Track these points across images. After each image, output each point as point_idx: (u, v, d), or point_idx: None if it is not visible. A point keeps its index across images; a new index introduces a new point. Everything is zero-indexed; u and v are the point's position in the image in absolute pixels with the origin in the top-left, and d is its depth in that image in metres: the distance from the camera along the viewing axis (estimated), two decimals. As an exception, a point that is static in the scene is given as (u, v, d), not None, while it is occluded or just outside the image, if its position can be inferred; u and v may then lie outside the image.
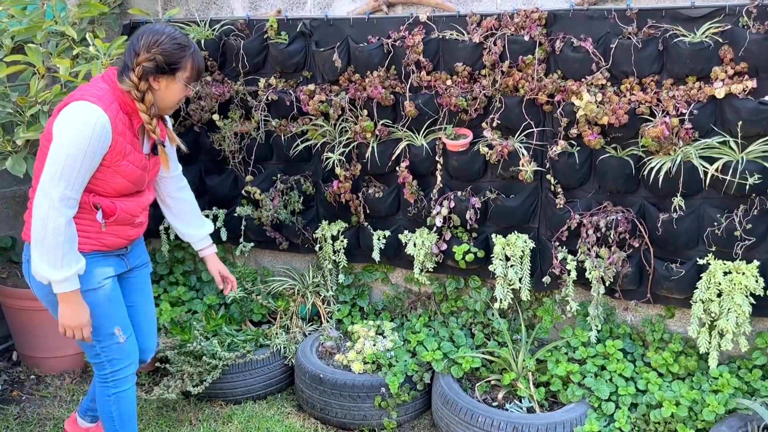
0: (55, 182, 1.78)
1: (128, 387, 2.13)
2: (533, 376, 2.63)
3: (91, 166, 1.84)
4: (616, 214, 2.55)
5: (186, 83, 1.96)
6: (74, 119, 1.79)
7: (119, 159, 1.90)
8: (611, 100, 2.43)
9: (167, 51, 1.89)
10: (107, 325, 2.03)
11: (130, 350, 2.11)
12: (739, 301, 2.36)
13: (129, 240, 2.11)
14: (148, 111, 1.92)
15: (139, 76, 1.89)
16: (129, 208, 2.03)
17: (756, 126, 2.29)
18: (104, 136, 1.83)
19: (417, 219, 2.93)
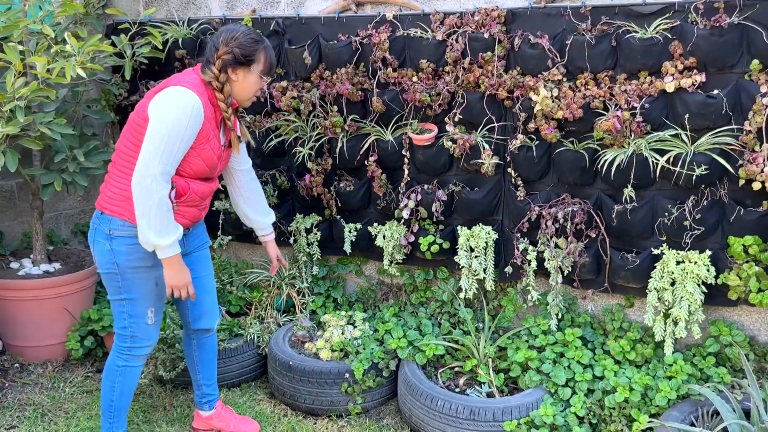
0: (157, 159, 1.97)
1: (138, 365, 2.31)
2: (494, 363, 2.71)
3: (187, 146, 2.04)
4: (573, 205, 2.63)
5: (260, 75, 2.16)
6: (174, 102, 1.99)
7: (203, 143, 2.10)
8: (566, 95, 2.51)
9: (243, 44, 2.09)
10: (144, 303, 2.21)
11: (153, 333, 2.29)
12: (690, 290, 2.43)
13: (192, 221, 2.29)
14: (225, 100, 2.13)
15: (219, 69, 2.09)
16: (200, 190, 2.20)
17: (704, 119, 2.36)
18: (199, 118, 2.03)
19: (386, 212, 3.02)
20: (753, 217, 2.37)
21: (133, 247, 2.13)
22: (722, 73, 2.36)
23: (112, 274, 2.17)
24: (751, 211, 2.39)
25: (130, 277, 2.16)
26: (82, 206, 3.85)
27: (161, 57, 3.08)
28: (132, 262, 2.15)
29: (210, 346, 2.57)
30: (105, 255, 2.16)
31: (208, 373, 2.60)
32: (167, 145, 1.99)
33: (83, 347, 3.20)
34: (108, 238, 2.15)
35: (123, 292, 2.19)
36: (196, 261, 2.41)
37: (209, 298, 2.49)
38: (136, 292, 2.18)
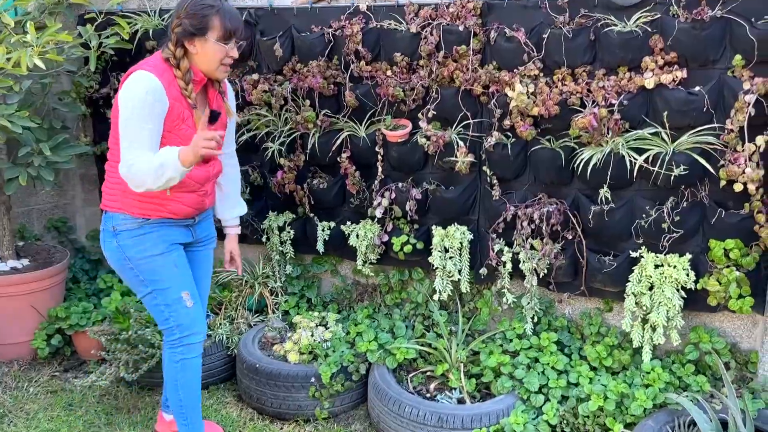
0: (129, 149, 1.92)
1: (195, 355, 2.22)
2: (466, 368, 2.62)
3: (156, 128, 1.95)
4: (550, 206, 2.53)
5: (219, 42, 2.01)
6: (132, 86, 1.93)
7: (179, 123, 2.00)
8: (542, 91, 2.41)
9: (192, 13, 1.97)
10: (175, 289, 2.14)
11: (197, 316, 2.21)
12: (669, 295, 2.34)
13: (195, 209, 2.18)
14: (183, 77, 2.01)
15: (174, 43, 2.00)
16: (194, 175, 2.09)
17: (685, 117, 2.26)
18: (158, 96, 1.93)
19: (361, 210, 2.92)
20: (734, 219, 2.28)
21: (138, 238, 2.09)
22: (704, 68, 2.26)
23: (127, 269, 2.12)
24: (732, 213, 2.29)
25: (147, 268, 2.11)
26: (55, 201, 3.76)
27: (129, 48, 2.98)
28: (142, 253, 2.10)
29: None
30: (115, 252, 2.12)
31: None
32: (133, 131, 1.93)
33: (50, 346, 3.12)
34: (113, 235, 2.11)
35: (147, 284, 2.13)
36: (198, 258, 2.34)
37: (203, 300, 2.40)
38: (160, 281, 2.12)
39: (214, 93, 2.17)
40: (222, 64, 2.07)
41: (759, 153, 2.18)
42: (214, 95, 2.16)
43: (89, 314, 3.14)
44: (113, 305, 3.09)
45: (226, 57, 2.06)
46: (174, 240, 2.17)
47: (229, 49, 2.05)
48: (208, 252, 2.39)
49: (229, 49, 2.05)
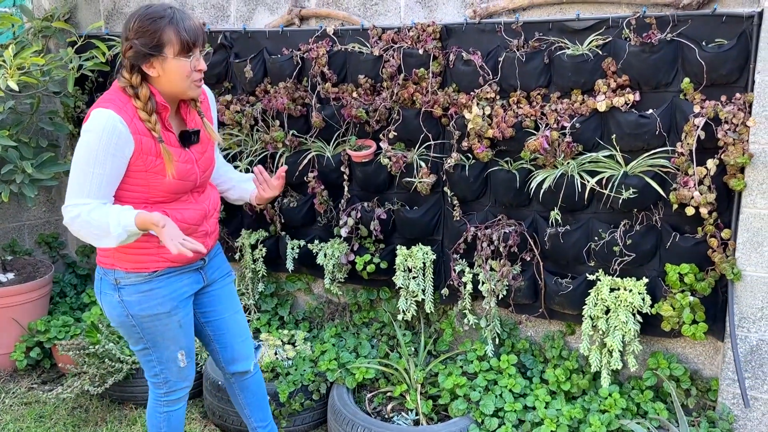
0: (70, 191, 1.73)
1: (180, 407, 2.11)
2: (425, 389, 2.61)
3: (108, 172, 1.71)
4: (508, 227, 2.53)
5: (179, 57, 1.71)
6: (87, 127, 1.70)
7: (152, 159, 1.77)
8: (498, 114, 2.42)
9: (141, 30, 1.68)
10: (173, 348, 1.98)
11: (189, 374, 2.07)
12: (624, 319, 2.31)
13: (197, 252, 1.88)
14: (144, 107, 1.74)
15: (128, 70, 1.73)
16: (186, 217, 1.88)
17: (638, 140, 2.25)
18: (117, 138, 1.69)
19: (329, 229, 2.95)
20: (689, 244, 2.25)
21: (144, 295, 1.88)
22: (657, 91, 2.25)
23: (129, 326, 1.92)
24: (687, 237, 2.26)
25: (149, 326, 1.92)
26: (46, 217, 3.87)
27: (107, 70, 3.08)
28: (147, 311, 1.90)
29: (255, 386, 2.28)
30: (116, 307, 1.90)
31: (261, 414, 2.32)
32: (80, 175, 1.70)
33: (29, 358, 3.19)
34: (116, 289, 1.89)
35: (145, 341, 1.95)
36: (219, 297, 2.12)
37: (239, 339, 2.16)
38: (159, 339, 1.94)
39: (187, 110, 1.88)
40: (192, 81, 1.77)
41: (710, 177, 2.16)
42: (188, 114, 1.89)
43: (69, 328, 3.21)
44: (91, 319, 3.16)
45: (194, 72, 1.76)
46: (183, 294, 1.96)
47: (193, 61, 1.74)
48: (229, 287, 2.16)
49: (194, 61, 1.74)
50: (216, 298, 2.11)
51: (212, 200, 2.02)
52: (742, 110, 2.11)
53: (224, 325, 2.13)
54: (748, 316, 2.20)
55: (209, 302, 2.11)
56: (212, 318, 2.12)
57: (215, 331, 2.15)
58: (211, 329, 2.14)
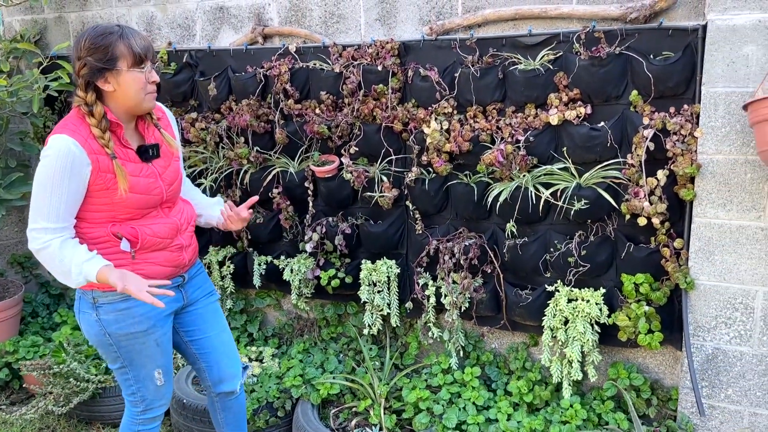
0: (31, 217, 1.75)
1: (155, 426, 2.09)
2: (389, 403, 2.61)
3: (65, 195, 1.73)
4: (469, 240, 2.55)
5: (133, 69, 1.74)
6: (44, 153, 1.73)
7: (111, 177, 1.77)
8: (455, 129, 2.45)
9: (93, 47, 1.72)
10: (150, 367, 1.97)
11: (166, 392, 2.05)
12: (581, 329, 2.32)
13: (175, 267, 1.96)
14: (98, 125, 1.75)
15: (83, 88, 1.75)
16: (156, 231, 1.89)
17: (590, 152, 2.29)
18: (72, 161, 1.71)
19: (295, 245, 2.97)
20: (642, 254, 2.27)
21: (121, 313, 1.88)
22: (608, 104, 2.29)
23: (106, 344, 1.92)
24: (641, 247, 2.29)
25: (127, 345, 1.92)
26: (18, 237, 3.87)
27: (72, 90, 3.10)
28: (124, 329, 1.89)
29: (237, 407, 2.26)
30: (93, 326, 1.90)
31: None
32: (38, 201, 1.73)
33: (-3, 379, 3.18)
34: (93, 308, 1.89)
35: (123, 360, 1.95)
36: (203, 316, 2.11)
37: (226, 358, 2.15)
38: (137, 358, 1.94)
39: (145, 125, 1.89)
40: (147, 93, 1.80)
41: (661, 187, 2.19)
42: (146, 129, 1.90)
43: (38, 348, 3.20)
44: (59, 339, 3.15)
45: (147, 84, 1.79)
46: (162, 313, 1.95)
47: (146, 73, 1.77)
48: (214, 306, 2.16)
49: (147, 72, 1.78)
50: (200, 317, 2.10)
51: (185, 214, 2.02)
52: (690, 121, 2.14)
53: (209, 345, 2.13)
54: (703, 324, 2.22)
55: (193, 321, 2.10)
56: (197, 337, 2.12)
57: (200, 350, 2.13)
58: (197, 348, 2.13)
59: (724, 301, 2.16)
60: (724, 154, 2.08)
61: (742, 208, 2.08)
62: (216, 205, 2.17)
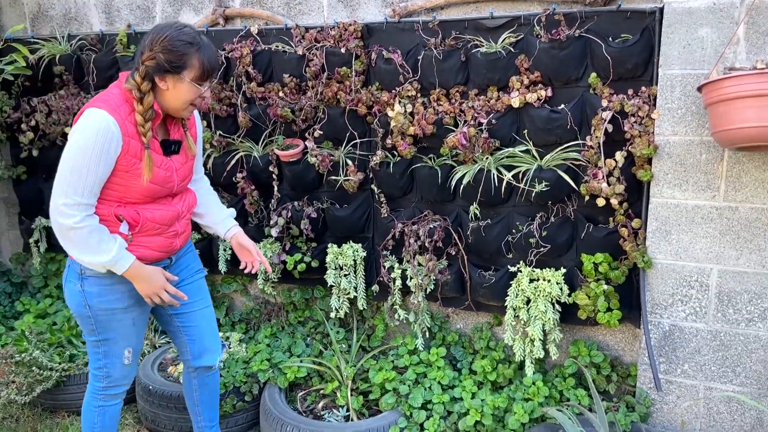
0: (63, 190, 1.75)
1: (115, 403, 2.12)
2: (355, 385, 2.63)
3: (101, 171, 1.77)
4: (434, 222, 2.57)
5: (194, 83, 1.81)
6: (80, 127, 1.74)
7: (136, 162, 1.81)
8: (419, 112, 2.45)
9: (170, 48, 1.75)
10: (122, 344, 2.01)
11: (130, 373, 2.09)
12: (542, 308, 2.36)
13: (164, 252, 1.99)
14: (144, 113, 1.79)
15: (142, 76, 1.78)
16: (157, 217, 1.92)
17: (550, 134, 2.31)
18: (110, 139, 1.74)
19: (261, 229, 2.95)
20: (601, 234, 2.31)
21: (104, 287, 1.91)
22: (568, 87, 2.31)
23: (85, 316, 1.95)
24: (600, 228, 2.33)
25: (104, 319, 1.95)
26: (-23, 225, 3.77)
27: (29, 74, 3.02)
28: (105, 304, 1.93)
29: (213, 385, 2.32)
30: (76, 296, 1.94)
31: (211, 414, 2.35)
32: (73, 173, 1.74)
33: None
34: (79, 278, 1.92)
35: (98, 333, 1.98)
36: (188, 292, 2.14)
37: (208, 332, 2.21)
38: (111, 334, 1.98)
39: (173, 121, 1.94)
40: (191, 104, 1.86)
41: (619, 168, 2.23)
42: (172, 125, 1.94)
43: (0, 337, 3.14)
44: (22, 327, 3.09)
45: (198, 98, 1.86)
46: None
47: (203, 90, 1.84)
48: (200, 282, 2.20)
49: (204, 90, 1.85)
50: (187, 292, 2.13)
51: (187, 203, 2.06)
52: (647, 103, 2.18)
53: (193, 319, 2.17)
54: (660, 302, 2.28)
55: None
56: (182, 311, 2.15)
57: (184, 324, 2.17)
58: (180, 321, 2.17)
59: (680, 279, 2.21)
60: (680, 135, 2.13)
61: (697, 188, 2.13)
62: (227, 221, 2.23)
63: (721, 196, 2.11)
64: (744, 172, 2.07)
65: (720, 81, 1.88)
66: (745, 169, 2.07)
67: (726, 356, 2.19)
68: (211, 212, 2.22)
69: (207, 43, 1.82)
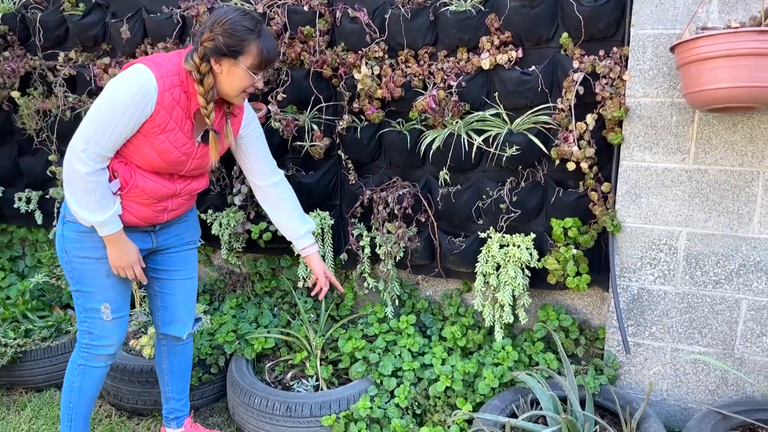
0: (86, 136, 1.73)
1: (99, 365, 2.08)
2: (324, 354, 2.60)
3: (127, 129, 1.75)
4: (403, 189, 2.51)
5: (249, 70, 1.79)
6: (122, 78, 1.73)
7: (156, 132, 1.79)
8: (386, 74, 2.37)
9: (229, 32, 1.74)
10: (99, 298, 1.98)
11: (113, 332, 2.04)
12: (512, 274, 2.35)
13: (146, 222, 1.96)
14: (205, 95, 1.80)
15: (200, 57, 1.77)
16: (151, 189, 1.89)
17: (521, 97, 2.26)
18: (146, 100, 1.73)
19: (223, 198, 2.85)
20: (571, 198, 2.29)
21: (81, 234, 1.90)
22: (539, 47, 2.26)
23: (63, 261, 1.97)
24: (570, 192, 2.31)
25: (79, 267, 1.95)
26: None
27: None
28: (80, 251, 1.92)
29: (183, 355, 2.30)
30: (59, 239, 1.96)
31: (180, 386, 2.33)
32: (101, 123, 1.72)
33: None
34: (62, 222, 1.94)
35: (75, 282, 1.98)
36: (175, 259, 2.14)
37: (183, 304, 2.20)
38: (87, 284, 1.96)
39: (220, 112, 1.92)
40: (244, 92, 1.85)
41: (590, 131, 2.20)
42: (218, 115, 1.92)
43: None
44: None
45: (251, 87, 1.84)
46: None
47: (257, 79, 1.83)
48: (189, 253, 2.18)
49: (258, 79, 1.83)
50: (171, 260, 2.13)
51: (191, 186, 2.01)
52: (619, 64, 2.14)
53: (172, 287, 2.16)
54: (629, 266, 2.28)
55: (163, 261, 2.12)
56: (163, 276, 2.15)
57: (162, 290, 2.17)
58: (159, 286, 2.17)
59: (649, 242, 2.22)
60: (651, 97, 2.10)
61: (668, 151, 2.12)
62: (304, 239, 2.22)
63: (691, 158, 2.10)
64: (714, 134, 2.06)
65: (692, 41, 1.84)
66: (715, 131, 2.06)
67: (693, 318, 2.22)
68: (286, 225, 2.20)
69: (268, 33, 1.81)
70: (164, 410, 2.36)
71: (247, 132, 2.05)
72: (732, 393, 2.22)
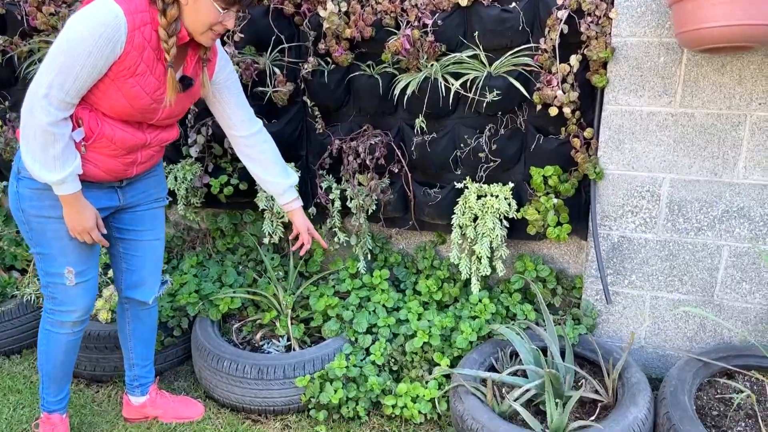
0: (47, 82, 1.53)
1: (63, 332, 1.95)
2: (295, 313, 2.48)
3: (95, 71, 1.57)
4: (374, 138, 2.36)
5: (216, 3, 1.59)
6: (87, 15, 1.53)
7: (126, 75, 1.61)
8: (355, 11, 2.18)
9: None
10: (61, 261, 1.83)
11: (77, 298, 1.89)
12: (490, 225, 2.26)
13: (113, 177, 1.80)
14: (167, 27, 1.61)
15: None
16: (119, 138, 1.71)
17: (501, 36, 2.12)
18: (115, 38, 1.54)
19: (177, 149, 2.64)
20: (553, 145, 2.20)
21: (38, 192, 1.73)
22: (520, -17, 2.10)
23: (20, 221, 1.81)
24: (551, 139, 2.21)
25: (38, 228, 1.79)
26: None
27: None
28: (37, 210, 1.76)
29: (148, 320, 2.17)
30: (13, 198, 1.80)
31: (144, 352, 2.20)
32: (64, 65, 1.53)
33: None
34: (16, 179, 1.77)
35: (35, 244, 1.83)
36: (141, 218, 1.99)
37: (150, 267, 2.06)
38: (47, 246, 1.81)
39: (194, 57, 1.75)
40: (210, 30, 1.65)
41: (573, 74, 2.08)
42: (192, 60, 1.75)
43: None
44: None
45: (219, 24, 1.65)
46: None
47: (224, 16, 1.63)
48: (156, 212, 2.04)
49: (225, 17, 1.63)
50: (137, 219, 1.99)
51: (161, 137, 1.85)
52: (605, 1, 2.01)
53: (138, 248, 2.02)
54: (610, 214, 2.22)
55: (129, 220, 1.98)
56: (128, 237, 2.00)
57: (127, 251, 2.03)
58: (124, 248, 2.02)
59: (632, 189, 2.15)
60: (638, 36, 1.99)
61: (654, 94, 2.03)
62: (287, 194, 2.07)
63: (678, 101, 2.01)
64: (702, 76, 1.98)
65: (687, -25, 1.73)
66: (703, 72, 1.97)
67: (673, 265, 2.18)
68: (268, 180, 2.04)
69: None
70: (127, 378, 2.22)
71: (222, 77, 1.87)
72: (710, 339, 2.22)
